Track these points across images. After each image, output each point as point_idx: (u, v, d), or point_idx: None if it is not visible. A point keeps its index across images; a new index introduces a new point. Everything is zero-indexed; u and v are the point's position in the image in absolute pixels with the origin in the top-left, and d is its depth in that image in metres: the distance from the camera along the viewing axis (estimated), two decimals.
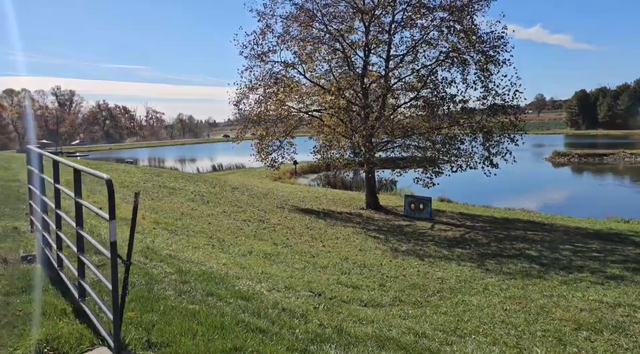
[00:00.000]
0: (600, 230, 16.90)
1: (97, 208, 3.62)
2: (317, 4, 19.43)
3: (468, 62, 18.14)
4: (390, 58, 20.40)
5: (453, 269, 11.05)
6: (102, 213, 3.16)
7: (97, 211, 3.36)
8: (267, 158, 20.96)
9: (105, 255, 3.23)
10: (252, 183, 30.95)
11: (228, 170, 50.24)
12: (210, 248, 9.81)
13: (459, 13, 17.63)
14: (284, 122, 20.26)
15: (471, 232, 16.38)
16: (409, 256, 12.50)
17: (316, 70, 20.48)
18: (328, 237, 14.22)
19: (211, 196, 19.04)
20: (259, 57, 19.44)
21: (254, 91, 21.10)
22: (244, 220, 14.81)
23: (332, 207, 21.50)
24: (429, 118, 19.04)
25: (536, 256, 12.48)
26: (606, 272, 10.64)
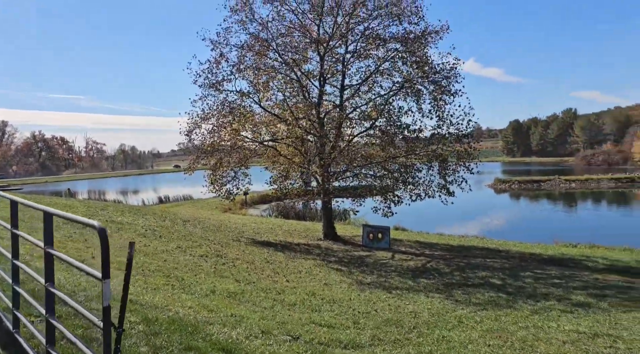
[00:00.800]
0: (554, 256, 17.34)
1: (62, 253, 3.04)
2: (272, 33, 19.32)
3: (422, 92, 18.50)
4: (345, 88, 20.52)
5: (423, 301, 10.79)
6: (93, 272, 2.61)
7: (86, 269, 2.77)
8: (221, 190, 20.22)
9: (89, 320, 2.65)
10: (203, 216, 29.86)
11: (175, 201, 48.48)
12: (170, 289, 9.02)
13: (412, 45, 18.03)
14: (239, 152, 19.71)
15: (432, 261, 16.32)
16: (376, 289, 12.16)
17: (272, 99, 20.22)
18: (290, 271, 13.66)
19: (163, 230, 18.01)
20: (213, 86, 18.94)
21: (206, 121, 20.50)
22: (200, 255, 13.99)
23: (289, 239, 20.95)
24: (384, 147, 19.13)
25: (501, 285, 12.49)
26: (571, 299, 10.73)
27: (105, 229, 2.47)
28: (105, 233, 2.42)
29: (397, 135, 18.90)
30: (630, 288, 12.06)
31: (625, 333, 7.71)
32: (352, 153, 19.67)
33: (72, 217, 2.84)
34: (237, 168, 19.96)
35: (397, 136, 18.94)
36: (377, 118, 18.89)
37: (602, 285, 12.30)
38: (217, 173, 20.05)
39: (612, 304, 10.21)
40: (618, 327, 8.12)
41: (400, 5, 18.99)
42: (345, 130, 20.39)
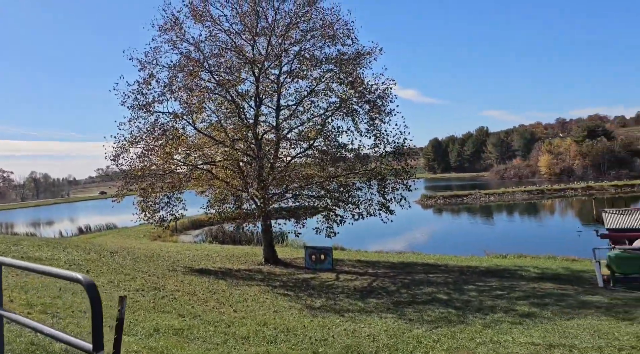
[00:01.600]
0: (490, 267, 18.02)
1: None
2: (205, 54, 18.79)
3: (358, 112, 18.74)
4: (280, 108, 20.34)
5: (377, 323, 10.63)
6: (82, 343, 2.09)
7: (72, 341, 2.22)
8: (154, 216, 19.09)
9: None
10: (131, 245, 28.08)
11: (98, 231, 45.35)
12: (109, 331, 8.14)
13: (347, 65, 18.27)
14: (172, 176, 18.79)
15: (377, 280, 16.31)
16: (327, 313, 11.85)
17: (207, 121, 19.57)
18: (235, 300, 13.01)
19: (89, 264, 16.58)
20: (144, 108, 17.97)
21: (135, 144, 19.40)
22: (136, 289, 12.95)
23: (229, 265, 20.14)
24: (323, 167, 19.09)
25: (448, 300, 12.66)
26: (517, 310, 11.06)
27: (94, 284, 2.01)
28: (95, 289, 1.96)
29: (335, 154, 18.93)
30: (565, 295, 12.70)
31: (576, 341, 7.97)
32: (292, 175, 19.43)
33: (41, 269, 2.30)
34: (171, 193, 18.97)
35: (335, 156, 18.97)
36: (315, 138, 18.84)
37: (540, 293, 12.86)
38: (149, 199, 18.93)
39: (554, 312, 10.64)
40: (568, 336, 8.40)
41: (333, 27, 19.26)
42: (283, 152, 20.15)
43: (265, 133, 19.92)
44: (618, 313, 10.32)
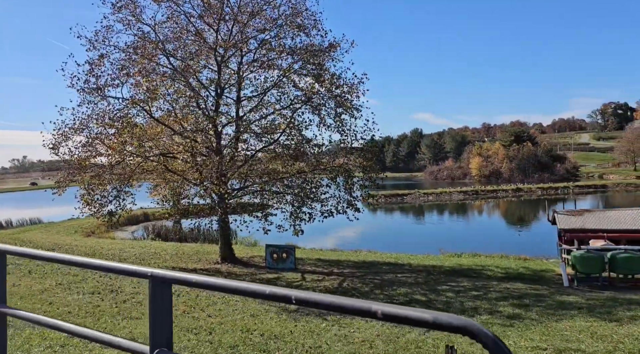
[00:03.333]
0: (454, 267, 18.10)
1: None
2: (164, 36, 17.39)
3: (324, 105, 18.15)
4: (241, 99, 19.32)
5: (365, 327, 10.11)
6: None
7: None
8: (100, 211, 17.43)
9: None
10: (65, 242, 25.81)
11: (21, 226, 41.53)
12: (76, 343, 7.02)
13: (315, 57, 17.60)
14: (122, 167, 17.24)
15: (346, 280, 15.84)
16: (307, 316, 11.17)
17: (162, 109, 18.14)
18: (205, 303, 12.00)
19: (29, 264, 14.82)
20: (95, 92, 16.29)
21: (79, 132, 17.65)
22: (91, 292, 11.58)
23: (182, 264, 18.87)
24: (286, 162, 18.33)
25: (427, 301, 12.40)
26: (501, 311, 10.96)
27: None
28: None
29: (300, 149, 18.22)
30: (540, 296, 12.85)
31: (582, 345, 7.87)
32: (254, 169, 18.50)
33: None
34: (121, 185, 17.40)
35: (300, 150, 18.25)
36: (281, 132, 18.00)
37: (516, 294, 12.93)
38: (96, 192, 17.26)
39: (539, 313, 10.63)
40: (570, 339, 8.31)
41: (301, 16, 18.51)
42: (244, 145, 19.13)
43: (225, 125, 18.83)
44: (601, 313, 10.49)
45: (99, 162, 17.88)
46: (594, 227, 18.76)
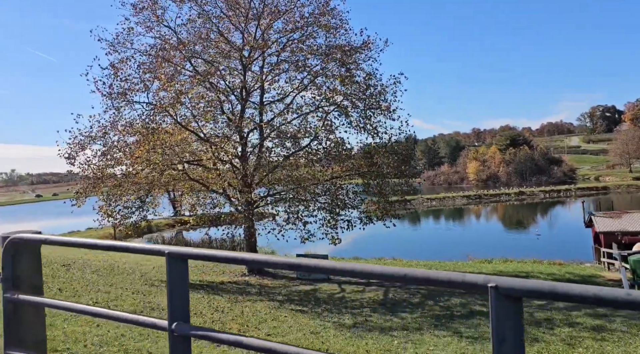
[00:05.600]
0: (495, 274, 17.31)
1: None
2: (188, 38, 16.60)
3: (357, 107, 17.44)
4: (264, 103, 18.55)
5: (441, 343, 9.29)
6: None
7: None
8: (123, 223, 16.50)
9: None
10: (75, 256, 24.65)
11: None
12: None
13: (348, 57, 16.89)
14: (147, 176, 16.35)
15: (389, 291, 15.02)
16: (369, 332, 10.34)
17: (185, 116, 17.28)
18: (255, 320, 11.11)
19: (53, 280, 13.83)
20: (120, 96, 15.41)
21: (98, 140, 16.78)
22: (133, 311, 10.63)
23: (208, 277, 17.92)
24: (317, 167, 17.58)
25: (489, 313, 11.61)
26: (581, 323, 10.24)
27: None
28: None
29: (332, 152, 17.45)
30: None
31: None
32: (282, 177, 17.72)
33: None
34: (145, 195, 16.50)
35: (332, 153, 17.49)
36: (314, 136, 17.21)
37: None
38: (118, 203, 16.35)
39: (626, 324, 9.90)
40: None
41: (327, 17, 17.83)
42: (270, 151, 18.31)
43: (252, 131, 18.01)
44: None
45: (118, 172, 17.03)
46: (636, 229, 18.14)
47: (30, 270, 2.45)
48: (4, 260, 2.37)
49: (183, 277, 2.01)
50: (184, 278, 2.02)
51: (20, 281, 2.41)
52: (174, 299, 1.97)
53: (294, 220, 16.52)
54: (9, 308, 2.38)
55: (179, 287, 2.00)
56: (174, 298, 1.96)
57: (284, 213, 16.92)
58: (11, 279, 2.37)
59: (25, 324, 2.44)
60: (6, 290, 2.38)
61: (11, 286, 2.37)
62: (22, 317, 2.41)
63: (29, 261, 2.44)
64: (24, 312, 2.41)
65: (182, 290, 2.01)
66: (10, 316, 2.40)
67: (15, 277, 2.37)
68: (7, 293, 2.37)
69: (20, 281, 2.41)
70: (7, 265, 2.37)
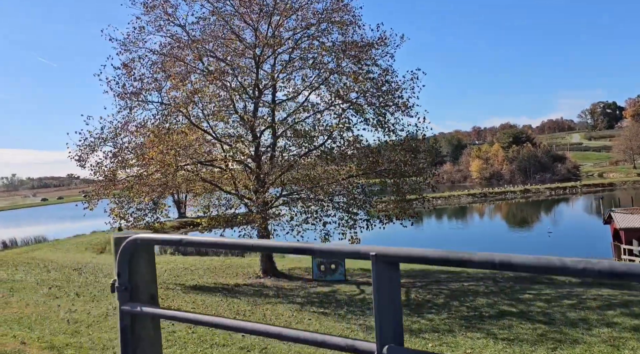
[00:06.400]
0: (519, 273, 16.99)
1: None
2: (201, 37, 16.29)
3: (372, 104, 17.12)
4: (276, 101, 18.24)
5: (479, 345, 8.97)
6: None
7: None
8: (136, 225, 16.17)
9: None
10: (82, 259, 24.43)
11: (27, 245, 39.85)
12: None
13: (365, 53, 16.56)
14: (160, 178, 16.02)
15: (410, 291, 14.69)
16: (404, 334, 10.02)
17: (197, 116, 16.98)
18: (277, 322, 10.79)
19: (69, 285, 13.54)
20: (134, 96, 15.10)
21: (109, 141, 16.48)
22: None
23: (222, 279, 17.62)
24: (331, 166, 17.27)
25: (519, 313, 11.29)
26: (619, 323, 9.90)
27: None
28: None
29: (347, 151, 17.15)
30: None
31: None
32: (296, 177, 17.41)
33: None
34: (158, 197, 16.20)
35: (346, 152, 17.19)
36: (329, 134, 16.89)
37: (616, 301, 11.87)
38: (132, 204, 16.04)
39: None
40: None
41: (339, 13, 17.50)
42: (283, 150, 17.99)
43: (265, 130, 17.69)
44: None
45: (130, 173, 16.73)
46: None
47: (148, 276, 2.11)
48: (121, 266, 2.02)
49: (394, 286, 1.61)
50: (396, 287, 1.62)
51: (139, 290, 2.06)
52: (384, 315, 1.58)
53: (313, 220, 16.21)
54: (127, 322, 2.03)
55: (390, 299, 1.62)
56: (383, 313, 1.58)
57: (302, 213, 16.58)
58: (130, 288, 2.03)
59: (145, 340, 2.06)
60: (124, 300, 2.02)
61: (129, 297, 2.03)
62: (142, 332, 2.06)
63: (146, 265, 2.10)
64: (143, 326, 2.06)
65: (393, 303, 1.63)
66: (128, 332, 2.03)
67: (134, 285, 2.04)
68: (126, 304, 2.01)
69: (139, 290, 2.06)
70: (123, 271, 2.02)
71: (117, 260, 2.01)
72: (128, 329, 2.01)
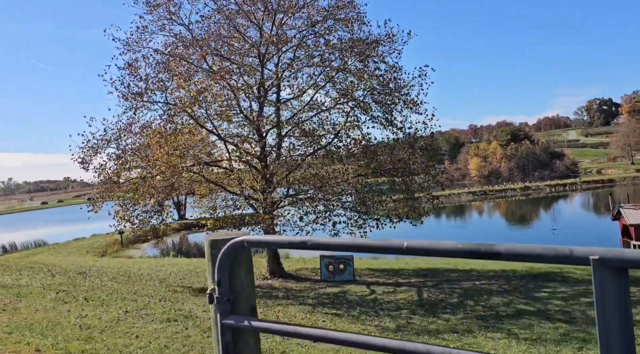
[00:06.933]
0: (529, 271, 16.82)
1: None
2: (207, 35, 16.06)
3: (380, 101, 16.92)
4: (280, 101, 18.03)
5: (500, 345, 8.77)
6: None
7: None
8: (142, 228, 15.93)
9: None
10: (85, 263, 24.13)
11: (26, 249, 39.47)
12: None
13: (372, 50, 16.34)
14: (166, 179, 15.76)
15: (422, 291, 14.49)
16: (417, 335, 9.82)
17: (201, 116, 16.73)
18: None
19: (75, 289, 13.25)
20: (139, 97, 14.84)
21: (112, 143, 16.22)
22: (167, 320, 10.07)
23: None
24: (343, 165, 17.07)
25: (537, 311, 11.11)
26: None
27: None
28: None
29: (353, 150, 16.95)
30: None
31: None
32: (303, 177, 17.19)
33: None
34: (165, 198, 15.96)
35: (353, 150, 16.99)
36: (336, 133, 16.68)
37: (634, 298, 11.68)
38: (137, 207, 15.77)
39: None
40: None
41: (344, 10, 17.29)
42: (289, 150, 17.77)
43: (270, 130, 17.46)
44: None
45: (135, 175, 16.46)
46: None
47: (247, 284, 1.86)
48: (221, 272, 1.77)
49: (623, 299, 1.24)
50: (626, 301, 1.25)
51: (240, 300, 1.81)
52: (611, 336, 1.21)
53: (322, 220, 15.99)
54: (229, 338, 1.76)
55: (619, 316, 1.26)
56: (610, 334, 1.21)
57: (312, 213, 16.34)
58: (231, 298, 1.79)
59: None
60: (224, 312, 1.76)
61: (230, 308, 1.79)
62: (244, 349, 1.79)
63: (247, 272, 1.86)
64: (245, 342, 1.79)
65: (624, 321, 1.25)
66: (230, 348, 1.77)
67: (235, 295, 1.80)
68: (227, 317, 1.75)
69: (240, 300, 1.81)
70: (224, 279, 1.78)
71: (216, 265, 1.77)
72: (231, 347, 1.75)
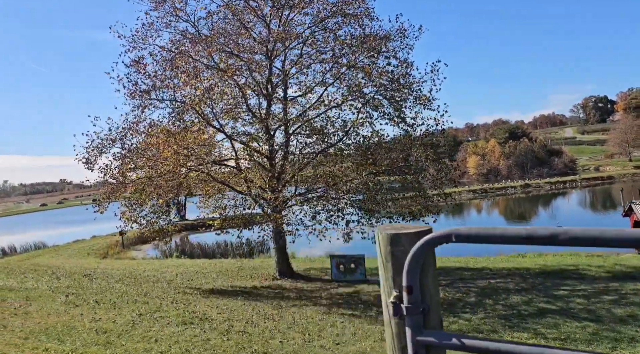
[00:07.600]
0: (543, 269, 16.58)
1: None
2: (214, 31, 15.74)
3: (392, 98, 16.64)
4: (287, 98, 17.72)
5: None
6: None
7: None
8: (150, 229, 15.60)
9: None
10: (88, 265, 23.78)
11: (26, 251, 39.00)
12: None
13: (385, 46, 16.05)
14: (174, 178, 15.43)
15: None
16: None
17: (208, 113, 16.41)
18: (311, 327, 10.29)
19: (84, 292, 12.94)
20: (147, 94, 14.51)
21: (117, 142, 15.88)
22: (182, 322, 9.78)
23: (238, 282, 17.08)
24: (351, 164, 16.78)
25: (560, 310, 10.87)
26: None
27: None
28: None
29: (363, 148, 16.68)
30: None
31: None
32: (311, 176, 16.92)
33: None
34: (172, 198, 15.63)
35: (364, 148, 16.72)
36: (347, 130, 16.39)
37: None
38: (144, 207, 15.45)
39: None
40: None
41: (352, 5, 16.98)
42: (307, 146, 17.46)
43: (278, 128, 17.15)
44: None
45: (141, 174, 16.13)
46: None
47: (435, 291, 1.49)
48: (411, 276, 1.42)
49: None
50: None
51: (431, 311, 1.46)
52: None
53: (335, 218, 15.70)
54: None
55: None
56: None
57: (324, 211, 16.05)
58: (426, 308, 1.45)
59: None
60: (416, 327, 1.43)
61: (422, 321, 1.45)
62: None
63: (434, 276, 1.53)
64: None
65: None
66: None
67: (426, 306, 1.47)
68: (420, 333, 1.42)
69: (432, 311, 1.47)
70: (415, 285, 1.46)
71: (405, 267, 1.45)
72: None
